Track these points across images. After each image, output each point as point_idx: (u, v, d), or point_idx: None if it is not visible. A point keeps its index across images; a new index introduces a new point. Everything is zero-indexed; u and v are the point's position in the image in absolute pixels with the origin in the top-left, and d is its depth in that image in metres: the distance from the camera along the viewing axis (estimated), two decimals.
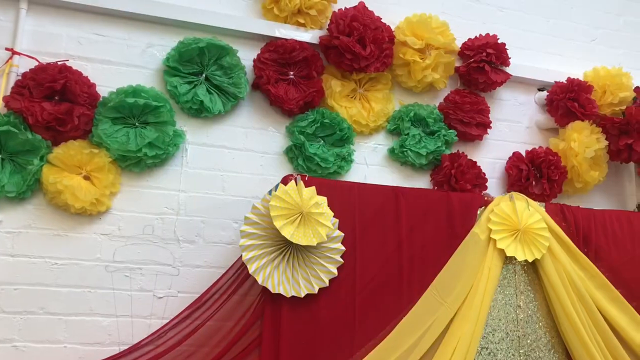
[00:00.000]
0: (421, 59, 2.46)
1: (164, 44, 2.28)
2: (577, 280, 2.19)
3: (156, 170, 2.20)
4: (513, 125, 2.73)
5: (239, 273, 2.00)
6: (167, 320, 1.98)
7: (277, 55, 2.32)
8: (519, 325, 2.18)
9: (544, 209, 2.29)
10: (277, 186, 1.99)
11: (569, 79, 2.62)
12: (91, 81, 2.13)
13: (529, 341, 2.18)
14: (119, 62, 2.23)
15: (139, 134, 2.11)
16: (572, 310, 2.14)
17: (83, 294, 2.05)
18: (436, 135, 2.51)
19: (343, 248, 2.02)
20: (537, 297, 2.23)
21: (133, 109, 2.10)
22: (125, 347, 1.94)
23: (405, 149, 2.47)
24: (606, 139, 2.59)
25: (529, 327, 2.19)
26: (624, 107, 2.65)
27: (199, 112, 2.25)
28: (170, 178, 2.22)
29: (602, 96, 2.65)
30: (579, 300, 2.18)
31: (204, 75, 2.24)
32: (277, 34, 2.36)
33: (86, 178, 2.08)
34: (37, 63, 2.08)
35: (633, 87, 2.69)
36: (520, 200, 2.25)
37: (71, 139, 2.07)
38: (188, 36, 2.25)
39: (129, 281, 2.10)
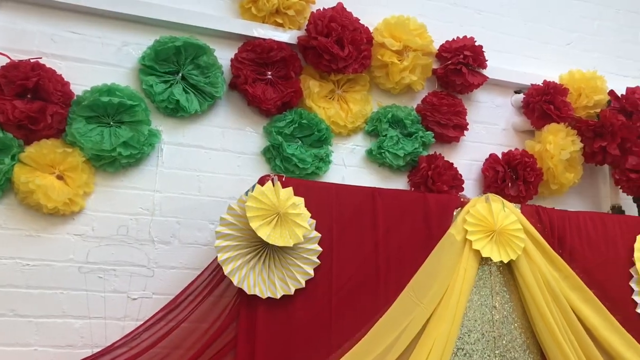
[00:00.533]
0: (399, 60, 2.47)
1: (140, 43, 2.25)
2: (552, 281, 2.21)
3: (131, 170, 2.18)
4: (490, 127, 2.75)
5: (215, 274, 1.98)
6: (142, 322, 1.95)
7: (255, 55, 2.30)
8: (495, 326, 2.19)
9: (519, 211, 2.30)
10: (253, 187, 1.97)
11: (545, 82, 2.65)
12: (65, 79, 2.10)
13: (504, 342, 2.19)
14: (94, 61, 2.20)
15: (113, 133, 2.08)
16: (546, 311, 2.15)
17: (55, 296, 2.02)
18: (414, 136, 2.52)
19: (320, 249, 2.01)
20: (513, 298, 2.25)
21: (107, 108, 2.08)
22: (98, 350, 1.91)
23: (383, 150, 2.47)
24: (581, 141, 2.62)
25: (505, 327, 2.21)
26: (598, 110, 2.69)
27: (175, 111, 2.23)
28: (145, 178, 2.19)
29: (578, 99, 2.68)
30: (554, 301, 2.19)
31: (180, 75, 2.22)
32: (255, 34, 2.35)
33: (59, 178, 2.04)
34: (8, 60, 2.04)
35: (607, 91, 2.73)
36: (496, 202, 2.26)
37: (44, 137, 2.04)
38: (164, 35, 2.23)
39: (103, 282, 2.07)
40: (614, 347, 2.24)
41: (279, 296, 1.92)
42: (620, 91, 2.74)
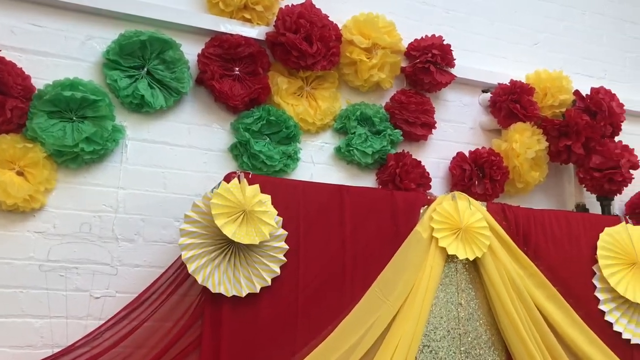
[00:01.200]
0: (368, 58, 2.47)
1: (104, 37, 2.21)
2: (517, 279, 2.23)
3: (94, 166, 2.13)
4: (457, 126, 2.77)
5: (179, 272, 1.95)
6: (104, 321, 1.91)
7: (222, 51, 2.28)
8: (460, 323, 2.21)
9: (485, 208, 2.32)
10: (220, 184, 1.95)
11: (511, 81, 2.67)
12: (26, 73, 2.04)
13: (469, 339, 2.21)
14: (56, 54, 2.15)
15: (76, 129, 2.04)
16: (511, 308, 2.18)
17: (14, 295, 1.96)
18: (382, 134, 2.52)
19: (286, 247, 2.00)
20: (478, 295, 2.27)
21: (70, 103, 2.03)
22: (59, 350, 1.87)
23: (351, 148, 2.47)
24: (547, 140, 2.65)
25: (470, 324, 2.23)
26: (564, 110, 2.72)
27: (140, 107, 2.19)
28: (109, 175, 2.15)
29: (543, 98, 2.71)
30: (518, 298, 2.22)
31: (145, 69, 2.18)
32: (223, 29, 2.33)
33: (19, 174, 1.99)
34: None
35: (573, 90, 2.77)
36: (462, 200, 2.28)
37: (3, 132, 1.98)
38: (129, 29, 2.19)
39: (64, 281, 2.03)
40: (576, 343, 2.28)
41: (244, 294, 1.90)
42: (585, 91, 2.78)
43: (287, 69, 2.41)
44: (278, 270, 1.96)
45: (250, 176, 1.99)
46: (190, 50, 2.29)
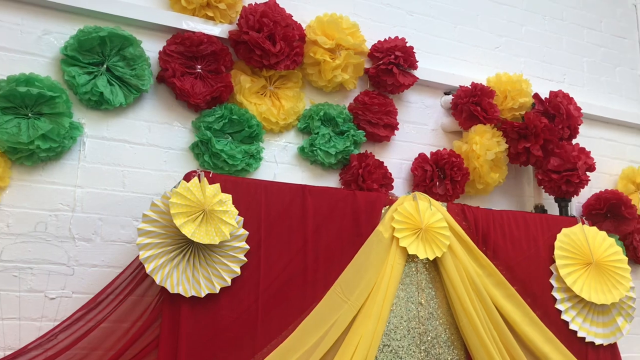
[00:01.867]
0: (331, 58, 2.47)
1: (62, 32, 2.16)
2: (476, 278, 2.27)
3: (50, 164, 2.09)
4: (419, 128, 2.80)
5: (137, 272, 1.92)
6: (59, 323, 1.87)
7: (184, 48, 2.25)
8: (420, 322, 2.23)
9: (445, 209, 2.35)
10: (179, 183, 1.93)
11: (472, 84, 2.71)
12: None
13: (429, 338, 2.23)
14: (11, 49, 2.10)
15: (31, 125, 1.99)
16: (470, 307, 2.21)
17: None
18: (345, 135, 2.52)
19: (247, 247, 1.98)
20: (438, 295, 2.29)
21: (25, 99, 1.98)
22: (11, 352, 1.82)
23: (315, 148, 2.47)
24: (506, 142, 2.69)
25: (430, 323, 2.25)
26: (523, 112, 2.77)
27: (99, 104, 2.15)
28: (66, 173, 2.10)
29: (504, 101, 2.75)
30: (477, 297, 2.25)
31: (105, 66, 2.14)
32: (185, 27, 2.30)
33: None
34: None
35: (532, 94, 2.82)
36: (423, 200, 2.30)
37: None
38: (88, 24, 2.15)
39: (18, 281, 1.97)
40: (533, 341, 2.32)
41: (203, 295, 1.88)
42: (544, 94, 2.84)
43: (250, 67, 2.40)
44: (238, 271, 1.95)
45: (210, 175, 1.97)
46: (152, 48, 2.26)
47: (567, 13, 3.34)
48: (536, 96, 2.82)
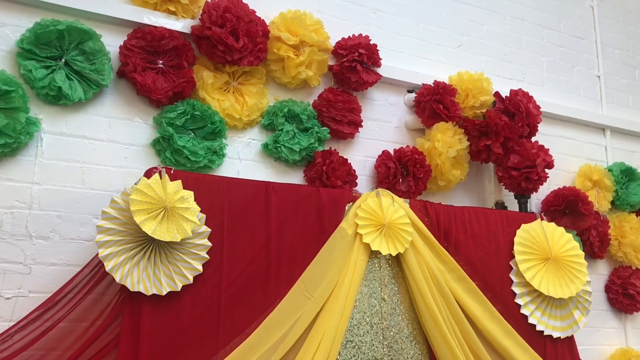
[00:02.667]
0: (295, 55, 2.46)
1: (18, 25, 2.10)
2: (438, 273, 2.29)
3: (6, 160, 2.03)
4: (383, 125, 2.81)
5: (96, 271, 1.89)
6: (14, 323, 1.82)
7: (145, 43, 2.22)
8: (383, 317, 2.25)
9: (408, 205, 2.37)
10: (140, 179, 1.90)
11: (435, 82, 2.74)
12: None
13: (392, 333, 2.25)
14: None
15: None
16: (432, 302, 2.23)
17: None
18: (309, 132, 2.52)
19: (209, 244, 1.97)
20: (401, 290, 2.31)
21: None
22: None
23: (279, 145, 2.46)
24: (468, 140, 2.73)
25: (393, 319, 2.27)
26: (484, 110, 2.81)
27: (57, 99, 2.10)
28: (22, 169, 2.05)
29: (465, 99, 2.79)
30: (439, 292, 2.28)
31: (63, 60, 2.09)
32: (146, 21, 2.27)
33: None
34: None
35: (493, 92, 2.87)
36: (386, 197, 2.32)
37: None
38: (46, 17, 2.09)
39: None
40: (494, 335, 2.36)
41: (164, 293, 1.86)
42: (505, 93, 2.88)
43: (213, 63, 2.38)
44: (200, 268, 1.93)
45: (172, 172, 1.95)
46: (112, 42, 2.22)
47: (527, 13, 3.40)
48: (497, 94, 2.87)
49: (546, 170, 2.82)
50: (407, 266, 2.27)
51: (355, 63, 2.58)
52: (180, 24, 2.32)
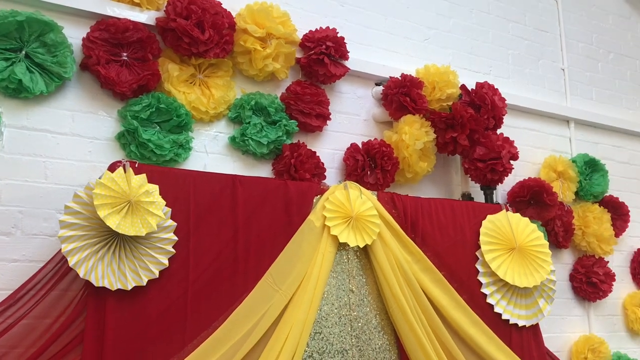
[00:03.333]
0: (262, 47, 2.45)
1: None
2: (405, 264, 2.32)
3: None
4: (351, 118, 2.82)
5: (60, 266, 1.86)
6: None
7: (109, 35, 2.18)
8: (351, 308, 2.27)
9: (376, 198, 2.39)
10: (104, 173, 1.87)
11: (402, 75, 2.75)
12: None
13: (360, 324, 2.27)
14: None
15: None
16: (399, 292, 2.26)
17: None
18: (277, 125, 2.52)
19: (175, 238, 1.96)
20: (369, 281, 2.33)
21: None
22: None
23: (246, 138, 2.45)
24: (434, 132, 2.75)
25: (361, 310, 2.29)
26: (450, 103, 2.83)
27: (18, 92, 2.05)
28: None
29: (432, 92, 2.81)
30: (406, 283, 2.30)
31: (23, 52, 2.04)
32: (109, 12, 2.23)
33: None
34: None
35: (459, 85, 2.89)
36: (354, 189, 2.33)
37: None
38: (4, 8, 2.04)
39: None
40: (460, 325, 2.40)
41: (130, 288, 1.84)
42: (471, 86, 2.91)
43: (179, 55, 2.35)
44: (166, 262, 1.92)
45: (136, 165, 1.93)
46: (74, 34, 2.18)
47: (493, 6, 3.44)
48: (463, 87, 2.90)
49: (511, 162, 2.86)
50: (375, 257, 2.29)
51: (322, 56, 2.58)
52: (145, 16, 2.29)
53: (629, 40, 4.03)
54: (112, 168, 1.89)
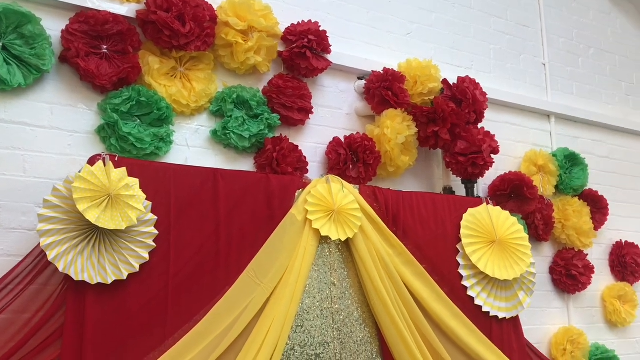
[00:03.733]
0: (244, 40, 2.44)
1: None
2: (386, 257, 2.33)
3: None
4: (334, 112, 2.82)
5: (38, 260, 1.85)
6: None
7: (88, 27, 2.16)
8: (333, 302, 2.28)
9: (357, 191, 2.40)
10: (83, 167, 1.86)
11: (384, 69, 2.76)
12: None
13: (341, 317, 2.28)
14: None
15: None
16: (380, 285, 2.27)
17: None
18: (259, 118, 2.51)
19: (156, 232, 1.95)
20: (350, 275, 2.34)
21: None
22: None
23: (228, 131, 2.44)
24: (416, 126, 2.76)
25: (342, 303, 2.30)
26: (432, 97, 2.85)
27: None
28: None
29: (414, 86, 2.82)
30: (387, 276, 2.32)
31: (0, 44, 2.02)
32: (89, 5, 2.21)
33: None
34: None
35: (441, 79, 2.91)
36: (336, 183, 2.34)
37: None
38: None
39: None
40: (441, 317, 2.42)
41: (110, 282, 1.84)
42: (453, 80, 2.93)
43: (159, 48, 2.34)
44: (147, 256, 1.91)
45: (116, 159, 1.92)
46: (53, 26, 2.15)
47: (475, 1, 3.46)
48: (445, 82, 2.91)
49: (492, 156, 2.88)
50: (357, 251, 2.30)
51: (304, 49, 2.57)
52: (125, 8, 2.27)
53: (609, 36, 4.08)
54: (92, 161, 1.87)
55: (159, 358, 1.86)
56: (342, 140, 2.70)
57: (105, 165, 1.87)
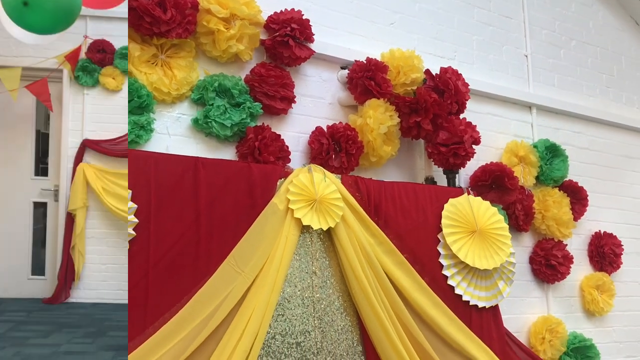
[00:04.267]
0: (226, 28, 2.43)
1: None
2: (368, 247, 2.34)
3: None
4: (317, 101, 2.82)
5: None
6: None
7: None
8: (314, 290, 2.28)
9: (340, 181, 2.40)
10: None
11: (367, 59, 2.75)
12: None
13: (322, 306, 2.29)
14: None
15: None
16: (361, 274, 2.28)
17: None
18: (241, 107, 2.50)
19: (136, 220, 1.94)
20: (332, 264, 2.35)
21: None
22: None
23: (209, 120, 2.43)
24: (399, 116, 2.77)
25: (324, 292, 2.30)
26: (415, 88, 2.85)
27: None
28: None
29: (397, 76, 2.82)
30: (369, 265, 2.33)
31: None
32: None
33: None
34: None
35: (424, 70, 2.91)
36: (318, 172, 2.34)
37: None
38: None
39: None
40: (422, 306, 2.44)
41: None
42: (436, 71, 2.93)
43: (140, 35, 2.31)
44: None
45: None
46: None
47: None
48: (427, 72, 2.91)
49: (474, 147, 2.90)
50: (338, 240, 2.30)
51: (287, 38, 2.56)
52: None
53: (591, 29, 4.11)
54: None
55: (139, 346, 1.85)
56: (325, 129, 2.70)
57: None
